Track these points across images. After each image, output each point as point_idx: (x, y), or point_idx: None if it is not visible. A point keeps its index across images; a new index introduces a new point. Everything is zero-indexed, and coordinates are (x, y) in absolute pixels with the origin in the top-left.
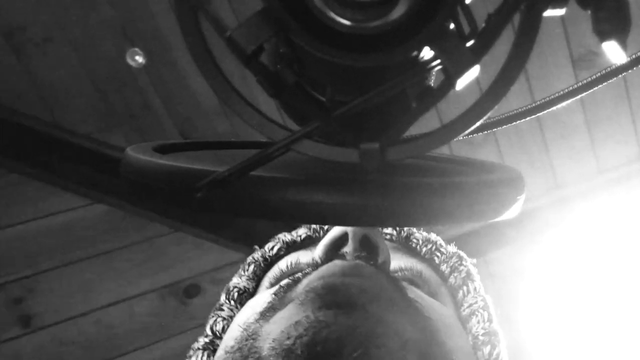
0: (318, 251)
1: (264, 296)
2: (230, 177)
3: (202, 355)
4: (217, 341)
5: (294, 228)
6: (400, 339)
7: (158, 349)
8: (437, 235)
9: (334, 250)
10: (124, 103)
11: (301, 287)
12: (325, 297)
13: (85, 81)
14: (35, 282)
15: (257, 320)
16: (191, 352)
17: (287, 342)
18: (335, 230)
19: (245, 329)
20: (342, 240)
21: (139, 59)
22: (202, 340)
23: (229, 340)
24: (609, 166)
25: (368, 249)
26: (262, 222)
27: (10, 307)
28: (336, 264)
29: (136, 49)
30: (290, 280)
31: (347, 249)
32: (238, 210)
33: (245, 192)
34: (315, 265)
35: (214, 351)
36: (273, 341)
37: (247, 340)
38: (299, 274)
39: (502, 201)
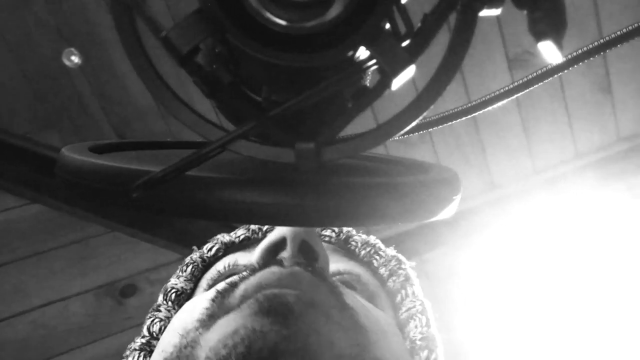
0: (256, 256)
1: (202, 301)
2: (165, 177)
3: (139, 357)
4: (154, 342)
5: (233, 229)
6: (334, 351)
7: (94, 349)
8: (372, 235)
9: (272, 255)
10: (60, 103)
11: (239, 292)
12: (262, 306)
13: (21, 81)
14: None
15: (196, 328)
16: (128, 352)
17: (223, 351)
18: (274, 235)
19: (184, 336)
20: (280, 244)
21: (75, 59)
22: (139, 341)
23: (167, 346)
24: (545, 166)
25: (306, 254)
26: (199, 222)
27: None
28: (273, 271)
29: (72, 49)
30: (227, 285)
31: (286, 254)
32: (173, 211)
33: (181, 192)
34: (253, 270)
35: (151, 352)
36: (210, 350)
37: (185, 347)
38: (237, 277)
39: (438, 201)
